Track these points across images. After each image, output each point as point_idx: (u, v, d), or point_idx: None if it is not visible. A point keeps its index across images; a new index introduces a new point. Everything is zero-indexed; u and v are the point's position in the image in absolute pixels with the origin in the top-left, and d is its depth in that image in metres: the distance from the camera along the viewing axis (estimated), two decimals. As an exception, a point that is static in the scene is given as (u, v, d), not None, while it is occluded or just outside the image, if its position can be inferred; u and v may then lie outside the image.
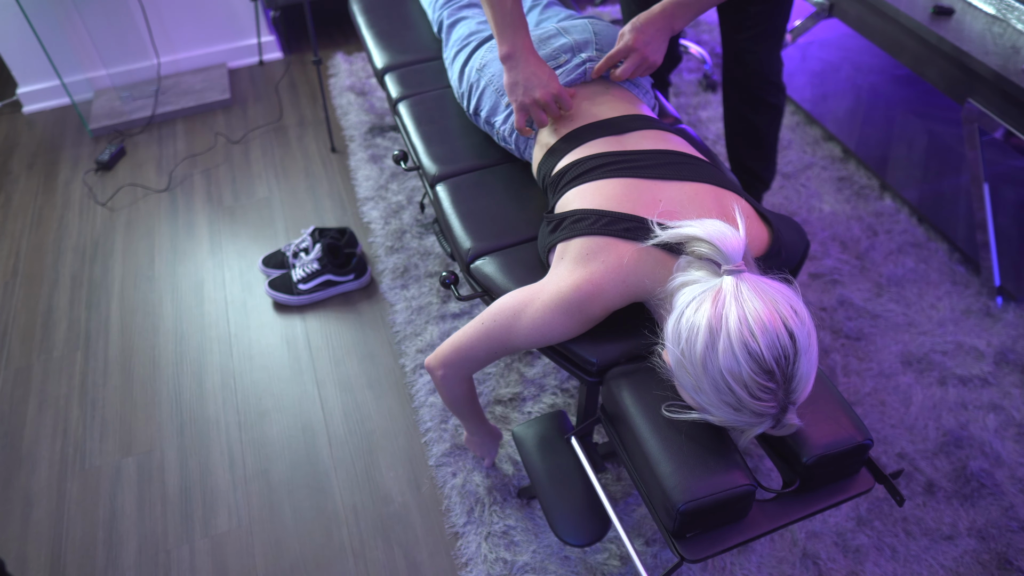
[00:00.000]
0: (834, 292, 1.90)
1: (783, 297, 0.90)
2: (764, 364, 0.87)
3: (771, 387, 0.88)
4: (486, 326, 1.13)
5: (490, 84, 1.45)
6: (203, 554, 1.48)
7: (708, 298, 0.91)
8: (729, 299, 0.89)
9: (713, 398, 0.91)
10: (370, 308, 1.94)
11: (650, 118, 1.30)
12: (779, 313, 0.88)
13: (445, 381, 1.23)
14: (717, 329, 0.88)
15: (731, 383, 0.88)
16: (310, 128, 2.51)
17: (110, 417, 1.72)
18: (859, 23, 2.08)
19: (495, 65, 1.45)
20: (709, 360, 0.89)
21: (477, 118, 1.51)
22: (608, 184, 1.14)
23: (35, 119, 2.61)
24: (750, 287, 0.90)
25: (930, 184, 2.16)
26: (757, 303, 0.88)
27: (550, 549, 1.45)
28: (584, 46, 1.39)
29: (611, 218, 1.09)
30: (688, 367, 0.92)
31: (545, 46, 1.40)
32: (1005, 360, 1.73)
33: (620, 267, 1.06)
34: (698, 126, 2.44)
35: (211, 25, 2.67)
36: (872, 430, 1.62)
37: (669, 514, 0.95)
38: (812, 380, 0.92)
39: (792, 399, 0.90)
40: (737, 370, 0.87)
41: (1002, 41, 1.70)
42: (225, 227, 2.17)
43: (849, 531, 1.46)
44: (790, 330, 0.88)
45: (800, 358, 0.88)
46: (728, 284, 0.91)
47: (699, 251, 0.96)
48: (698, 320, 0.90)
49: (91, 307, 1.96)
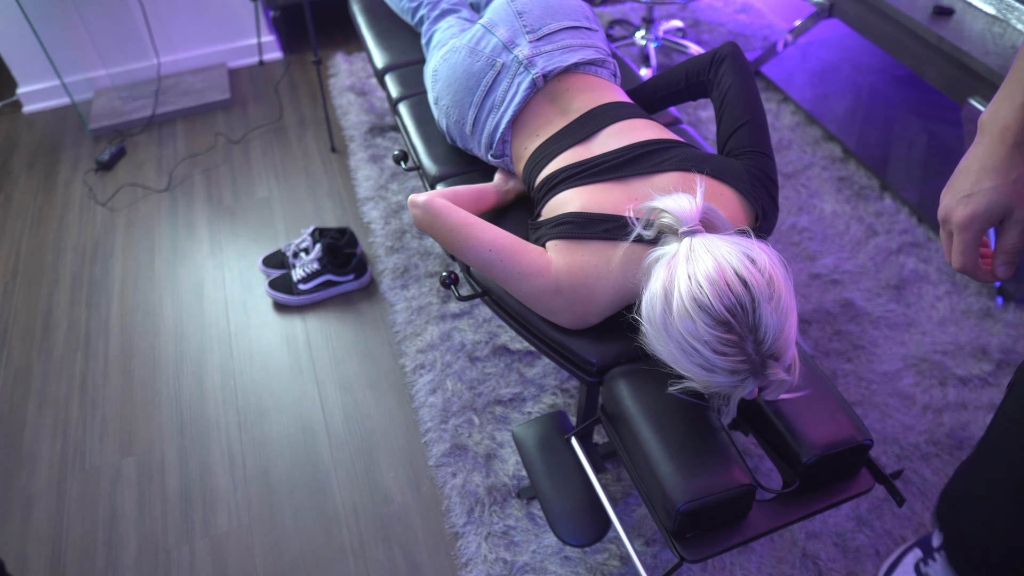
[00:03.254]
0: (834, 292, 1.90)
1: (737, 248, 0.89)
2: (717, 315, 0.86)
3: (732, 339, 0.86)
4: (490, 255, 1.13)
5: (448, 117, 1.42)
6: (203, 554, 1.48)
7: (664, 263, 0.92)
8: (681, 259, 0.90)
9: (684, 362, 0.90)
10: (370, 308, 1.94)
11: (616, 106, 1.28)
12: (728, 263, 0.87)
13: (433, 205, 1.18)
14: (671, 290, 0.89)
15: (692, 343, 0.88)
16: (310, 128, 2.51)
17: (110, 417, 1.72)
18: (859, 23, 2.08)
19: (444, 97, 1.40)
20: (668, 324, 0.89)
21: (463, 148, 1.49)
22: (582, 192, 1.15)
23: (35, 119, 2.61)
24: (703, 244, 0.90)
25: (930, 184, 2.16)
26: (707, 257, 0.88)
27: (550, 549, 1.45)
28: (515, 38, 1.34)
29: (590, 219, 1.10)
30: (657, 337, 0.92)
31: (477, 57, 1.35)
32: (1005, 360, 1.73)
33: (608, 271, 1.07)
34: (698, 126, 2.44)
35: (211, 25, 2.67)
36: (872, 430, 1.62)
37: (669, 514, 0.95)
38: (788, 331, 0.89)
39: (767, 351, 0.88)
40: (693, 328, 0.87)
41: (1002, 41, 1.70)
42: (225, 227, 2.17)
43: (849, 531, 1.46)
44: (743, 278, 0.86)
45: (760, 305, 0.86)
46: (683, 246, 0.92)
47: (663, 221, 0.97)
48: (655, 287, 0.91)
49: (91, 307, 1.96)
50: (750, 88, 1.26)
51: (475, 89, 1.35)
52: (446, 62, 1.40)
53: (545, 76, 1.31)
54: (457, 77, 1.37)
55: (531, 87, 1.31)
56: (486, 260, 1.13)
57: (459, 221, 1.15)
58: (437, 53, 1.47)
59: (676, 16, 2.97)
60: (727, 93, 1.26)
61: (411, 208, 1.19)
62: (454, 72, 1.38)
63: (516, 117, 1.33)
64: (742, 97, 1.24)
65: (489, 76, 1.33)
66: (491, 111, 1.34)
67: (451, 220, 1.15)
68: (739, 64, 1.28)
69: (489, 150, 1.38)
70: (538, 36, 1.34)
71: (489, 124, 1.35)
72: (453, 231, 1.15)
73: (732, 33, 2.87)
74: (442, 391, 1.72)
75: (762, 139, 1.20)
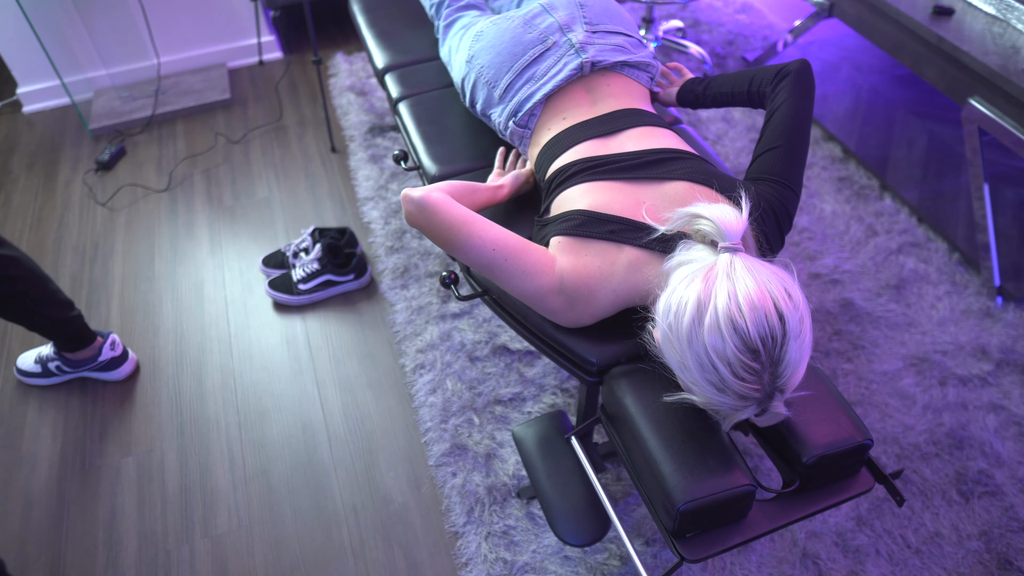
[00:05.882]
0: (834, 292, 1.90)
1: (778, 279, 0.89)
2: (749, 342, 0.85)
3: (755, 368, 0.86)
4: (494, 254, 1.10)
5: (480, 76, 1.42)
6: (203, 554, 1.48)
7: (700, 274, 0.90)
8: (721, 275, 0.89)
9: (697, 376, 0.90)
10: (370, 308, 1.94)
11: (642, 113, 1.29)
12: (771, 293, 0.87)
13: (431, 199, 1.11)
14: (705, 303, 0.88)
15: (715, 360, 0.87)
16: (310, 128, 2.51)
17: (110, 417, 1.72)
18: (859, 23, 2.08)
19: (483, 56, 1.41)
20: (695, 335, 0.88)
21: (475, 110, 1.51)
22: (591, 187, 1.15)
23: (35, 119, 2.61)
24: (744, 265, 0.89)
25: (930, 184, 2.16)
26: (749, 281, 0.87)
27: (550, 549, 1.45)
28: (572, 23, 1.36)
29: (596, 219, 1.10)
30: (674, 342, 0.91)
31: (531, 28, 1.37)
32: (1005, 360, 1.73)
33: (611, 273, 1.07)
34: (698, 126, 2.44)
35: (211, 25, 2.67)
36: (872, 430, 1.62)
37: (669, 514, 0.95)
38: (802, 369, 0.90)
39: (779, 385, 0.89)
40: (721, 347, 0.86)
41: (1002, 41, 1.70)
42: (225, 227, 2.17)
43: (849, 531, 1.46)
44: (780, 311, 0.86)
45: (789, 342, 0.87)
46: (723, 261, 0.90)
47: (701, 229, 0.95)
48: (688, 295, 0.90)
49: (91, 307, 1.96)
50: (799, 113, 1.20)
51: (519, 56, 1.36)
52: (496, 26, 1.41)
53: (593, 64, 1.32)
54: (505, 41, 1.38)
55: (577, 69, 1.32)
56: (489, 260, 1.09)
57: (459, 218, 1.09)
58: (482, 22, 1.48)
59: (676, 16, 2.97)
60: (775, 111, 1.22)
61: (405, 204, 1.11)
62: (502, 36, 1.38)
63: (552, 94, 1.33)
64: (786, 120, 1.19)
65: (538, 49, 1.35)
66: (528, 81, 1.35)
67: (450, 217, 1.09)
68: (800, 85, 1.23)
69: (513, 117, 1.37)
70: (595, 29, 1.36)
71: (523, 93, 1.35)
72: (452, 228, 1.09)
73: (732, 33, 2.87)
74: (442, 391, 1.72)
75: (790, 169, 1.15)
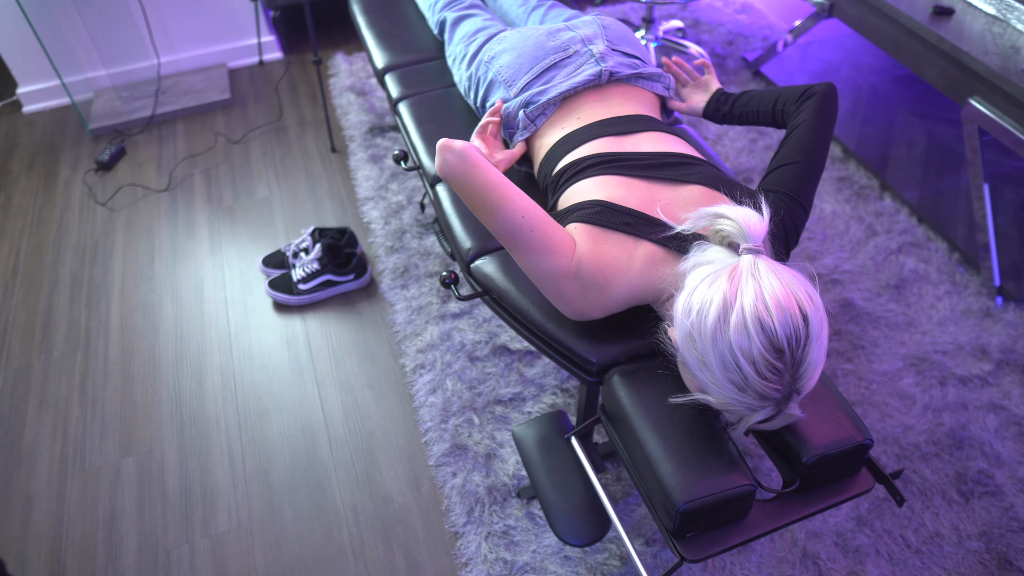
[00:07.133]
0: (834, 292, 1.90)
1: (800, 282, 0.91)
2: (776, 342, 0.87)
3: (779, 367, 0.88)
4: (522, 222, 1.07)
5: (499, 75, 1.45)
6: (203, 554, 1.48)
7: (724, 274, 0.91)
8: (746, 275, 0.90)
9: (719, 375, 0.90)
10: (370, 308, 1.94)
11: (654, 119, 1.31)
12: (795, 295, 0.89)
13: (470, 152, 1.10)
14: (731, 303, 0.88)
15: (740, 359, 0.88)
16: (310, 128, 2.51)
17: (110, 417, 1.72)
18: (859, 23, 2.08)
19: (503, 57, 1.45)
20: (720, 333, 0.89)
21: (483, 111, 1.52)
22: (607, 180, 1.15)
23: (35, 119, 2.61)
24: (768, 267, 0.91)
25: (930, 184, 2.16)
26: (775, 281, 0.89)
27: (550, 549, 1.45)
28: (593, 38, 1.42)
29: (614, 209, 1.10)
30: (697, 341, 0.91)
31: (554, 38, 1.42)
32: (1005, 360, 1.73)
33: (628, 266, 1.06)
34: (698, 126, 2.44)
35: (211, 25, 2.67)
36: (872, 430, 1.62)
37: (669, 514, 0.95)
38: (819, 371, 0.91)
39: (798, 386, 0.90)
40: (748, 346, 0.87)
41: (1002, 41, 1.70)
42: (225, 227, 2.17)
43: (849, 531, 1.46)
44: (805, 313, 0.88)
45: (812, 343, 0.88)
46: (746, 262, 0.91)
47: (723, 229, 0.96)
48: (712, 293, 0.90)
49: (91, 307, 1.96)
50: (819, 134, 1.20)
51: (541, 59, 1.40)
52: (520, 34, 1.47)
53: (611, 74, 1.35)
54: (528, 47, 1.43)
55: (595, 76, 1.34)
56: (515, 226, 1.06)
57: (495, 179, 1.07)
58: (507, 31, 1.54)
59: (676, 16, 2.97)
60: (796, 128, 1.23)
61: (443, 152, 1.09)
62: (526, 42, 1.44)
63: (568, 95, 1.35)
64: (805, 138, 1.20)
65: (559, 55, 1.40)
66: (547, 82, 1.38)
67: (488, 174, 1.07)
68: (823, 107, 1.24)
69: (524, 108, 1.38)
70: (614, 48, 1.42)
71: (537, 87, 1.38)
72: (488, 186, 1.07)
73: (732, 33, 2.87)
74: (442, 391, 1.72)
75: (802, 187, 1.16)
